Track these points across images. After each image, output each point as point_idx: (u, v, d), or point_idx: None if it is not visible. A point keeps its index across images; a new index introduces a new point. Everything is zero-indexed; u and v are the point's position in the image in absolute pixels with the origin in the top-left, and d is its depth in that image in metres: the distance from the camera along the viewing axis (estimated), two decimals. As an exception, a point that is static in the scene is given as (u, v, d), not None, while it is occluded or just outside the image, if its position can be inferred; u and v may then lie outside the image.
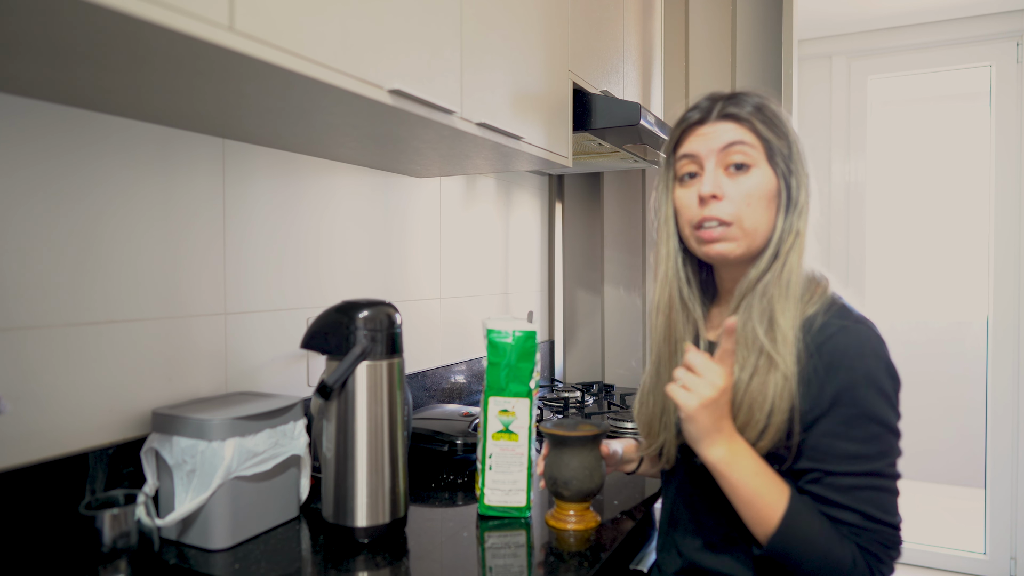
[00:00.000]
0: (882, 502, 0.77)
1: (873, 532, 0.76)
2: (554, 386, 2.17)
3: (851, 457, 0.77)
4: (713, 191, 0.84)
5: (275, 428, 1.00)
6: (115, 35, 0.62)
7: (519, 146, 1.26)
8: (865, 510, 0.76)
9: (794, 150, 0.85)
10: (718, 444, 0.79)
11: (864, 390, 0.76)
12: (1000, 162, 2.73)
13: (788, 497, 0.78)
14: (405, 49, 0.93)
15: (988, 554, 2.78)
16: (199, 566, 0.88)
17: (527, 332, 1.06)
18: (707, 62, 2.22)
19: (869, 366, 0.77)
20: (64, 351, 0.92)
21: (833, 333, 0.79)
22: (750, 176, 0.84)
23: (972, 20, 2.74)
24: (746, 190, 0.83)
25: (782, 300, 0.82)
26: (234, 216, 1.17)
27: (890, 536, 0.77)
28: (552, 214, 2.39)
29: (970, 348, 2.93)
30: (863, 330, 0.79)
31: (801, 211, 0.84)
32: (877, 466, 0.77)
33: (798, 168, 0.85)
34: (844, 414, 0.77)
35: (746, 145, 0.84)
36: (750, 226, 0.84)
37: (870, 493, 0.77)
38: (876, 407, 0.77)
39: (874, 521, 0.76)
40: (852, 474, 0.77)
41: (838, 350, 0.78)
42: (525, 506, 1.06)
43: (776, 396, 0.79)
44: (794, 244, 0.84)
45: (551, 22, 1.39)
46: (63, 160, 0.91)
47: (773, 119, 0.85)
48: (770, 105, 0.87)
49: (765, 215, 0.84)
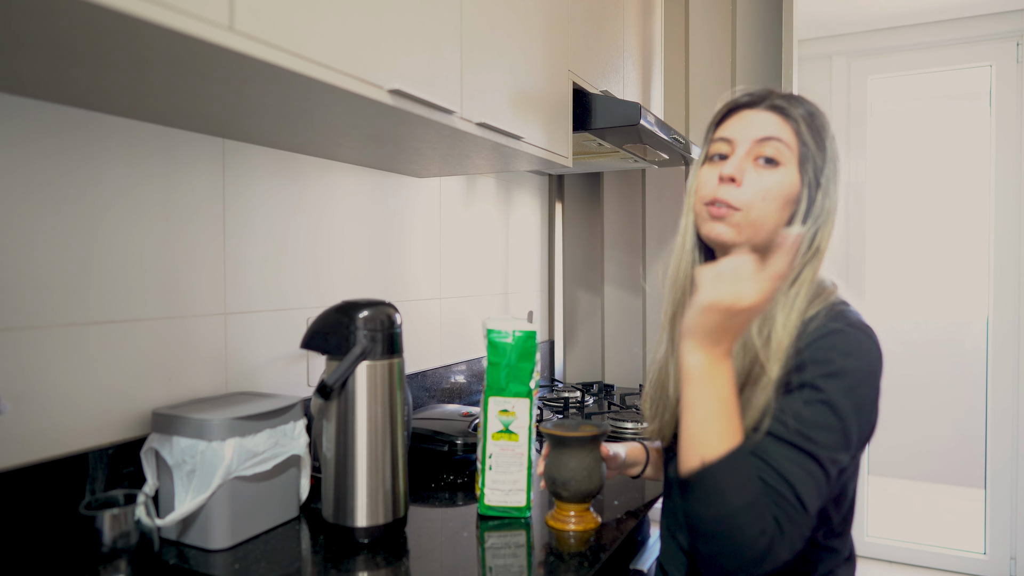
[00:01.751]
0: (810, 487, 0.72)
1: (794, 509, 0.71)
2: (554, 386, 2.17)
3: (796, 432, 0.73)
4: (733, 174, 0.82)
5: (275, 428, 1.00)
6: (115, 35, 0.62)
7: (519, 146, 1.26)
8: (799, 488, 0.71)
9: (829, 166, 0.84)
10: (704, 350, 0.73)
11: (839, 383, 0.74)
12: (1000, 162, 2.73)
13: (739, 441, 0.73)
14: (405, 49, 0.93)
15: (988, 554, 2.78)
16: (199, 566, 0.88)
17: (527, 332, 1.06)
18: (707, 62, 2.22)
19: (854, 367, 0.75)
20: (64, 351, 0.92)
21: (825, 334, 0.77)
22: (775, 173, 0.83)
23: (972, 20, 2.74)
24: (766, 185, 0.82)
25: (785, 311, 0.81)
26: (234, 216, 1.17)
27: (792, 504, 0.71)
28: (552, 214, 2.39)
29: (970, 348, 2.93)
30: (856, 334, 0.77)
31: (824, 226, 0.83)
32: (814, 449, 0.72)
33: (828, 183, 0.84)
34: (809, 396, 0.74)
35: (781, 143, 0.83)
36: (756, 218, 0.82)
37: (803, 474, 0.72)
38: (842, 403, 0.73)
39: (800, 501, 0.71)
40: (795, 447, 0.73)
41: (826, 347, 0.76)
42: (525, 506, 1.06)
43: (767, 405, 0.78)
44: (812, 260, 0.83)
45: (551, 22, 1.39)
46: (63, 160, 0.91)
47: (820, 129, 0.85)
48: (822, 116, 0.86)
49: (776, 214, 0.83)
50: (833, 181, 0.85)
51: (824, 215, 0.83)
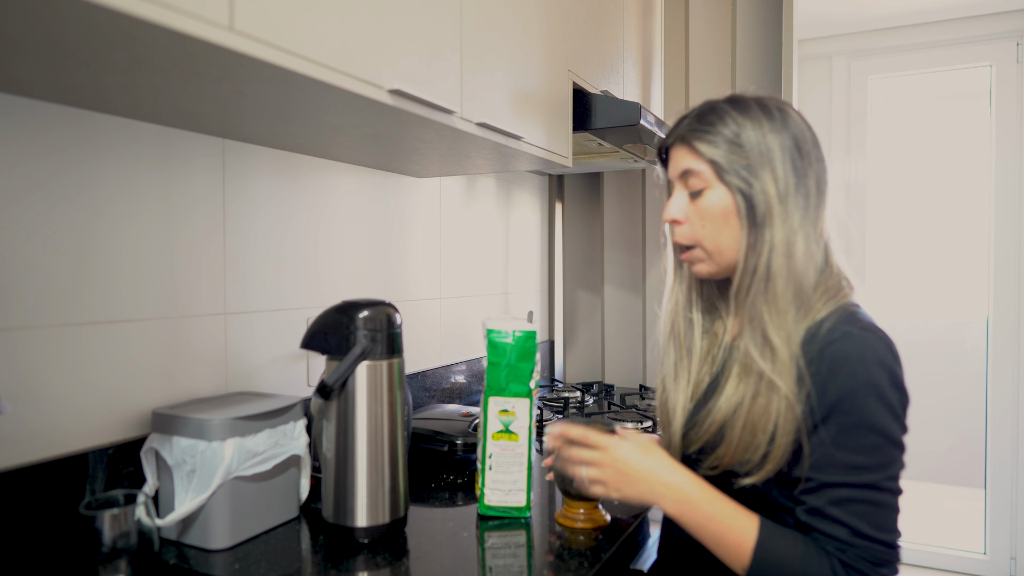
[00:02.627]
0: (875, 517, 0.74)
1: (860, 548, 0.74)
2: (554, 386, 2.17)
3: (848, 468, 0.74)
4: (673, 217, 0.88)
5: (275, 428, 1.00)
6: (115, 35, 0.62)
7: (519, 146, 1.26)
8: (855, 525, 0.74)
9: (756, 160, 0.81)
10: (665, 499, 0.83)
11: (864, 398, 0.73)
12: (1000, 162, 2.73)
13: (757, 527, 0.78)
14: (405, 49, 0.93)
15: (988, 554, 2.78)
16: (199, 566, 0.88)
17: (527, 332, 1.06)
18: (707, 62, 2.22)
19: (872, 374, 0.74)
20: (64, 351, 0.92)
21: (836, 339, 0.76)
22: (704, 198, 0.85)
23: (972, 20, 2.74)
24: (700, 212, 0.86)
25: (772, 315, 0.80)
26: (234, 216, 1.17)
27: (879, 553, 0.74)
28: (552, 214, 2.39)
29: (970, 348, 2.93)
30: (868, 337, 0.76)
31: (772, 222, 0.81)
32: (875, 478, 0.74)
33: (761, 178, 0.81)
34: (843, 422, 0.74)
35: (694, 172, 0.85)
36: (711, 246, 0.86)
37: (864, 507, 0.74)
38: (876, 416, 0.74)
39: (862, 537, 0.74)
40: (848, 485, 0.74)
41: (839, 356, 0.75)
42: (525, 506, 1.06)
43: (780, 420, 0.77)
44: (772, 256, 0.81)
45: (551, 22, 1.39)
46: (63, 160, 0.91)
47: (728, 133, 0.83)
48: (732, 114, 0.84)
49: (725, 232, 0.84)
50: (771, 170, 0.81)
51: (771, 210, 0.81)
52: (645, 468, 0.84)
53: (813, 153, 0.84)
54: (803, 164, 0.82)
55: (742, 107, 0.84)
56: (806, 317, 0.80)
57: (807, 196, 0.82)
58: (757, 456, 0.79)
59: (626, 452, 0.86)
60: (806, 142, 0.83)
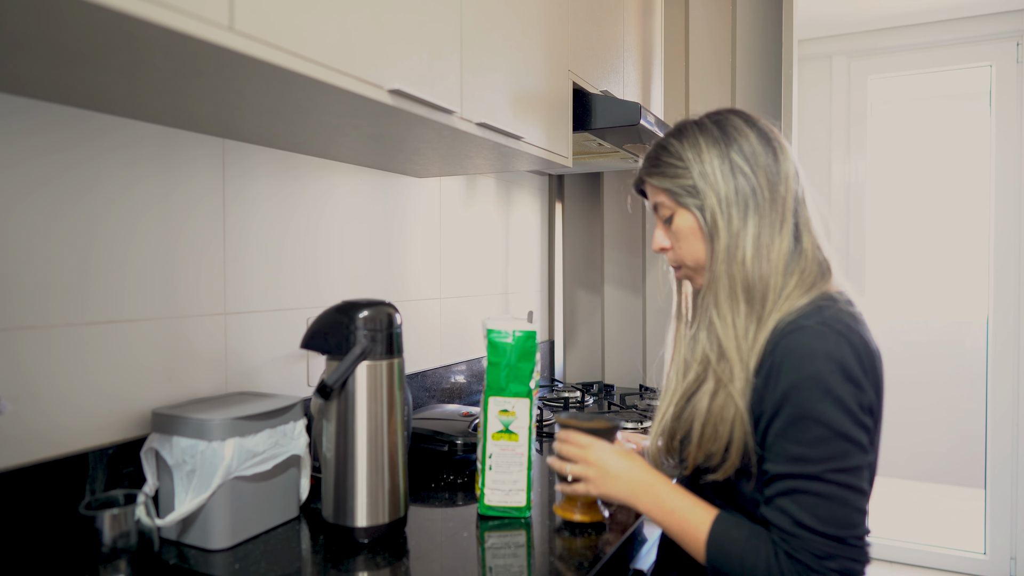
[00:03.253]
0: (821, 510, 0.74)
1: (802, 540, 0.75)
2: (554, 386, 2.17)
3: (792, 459, 0.76)
4: (659, 246, 0.97)
5: (275, 428, 1.00)
6: (115, 35, 0.62)
7: (519, 146, 1.26)
8: (797, 515, 0.75)
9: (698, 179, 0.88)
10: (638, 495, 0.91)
11: (808, 390, 0.75)
12: (1000, 162, 2.73)
13: (711, 520, 0.83)
14: (405, 49, 0.93)
15: (988, 554, 2.78)
16: (199, 566, 0.88)
17: (527, 332, 1.06)
18: (707, 62, 2.22)
19: (817, 367, 0.75)
20: (64, 351, 0.92)
21: (789, 332, 0.79)
22: (674, 223, 0.93)
23: (972, 20, 2.74)
24: (675, 236, 0.94)
25: (718, 318, 0.86)
26: (234, 216, 1.17)
27: (823, 546, 0.74)
28: (552, 214, 2.39)
29: (970, 348, 2.93)
30: (822, 331, 0.77)
31: (717, 233, 0.87)
32: (817, 470, 0.75)
33: (704, 194, 0.88)
34: (788, 414, 0.77)
35: (659, 204, 0.94)
36: (691, 262, 0.93)
37: (809, 499, 0.75)
38: (821, 410, 0.75)
39: (804, 528, 0.75)
40: (792, 476, 0.76)
41: (788, 349, 0.78)
42: (525, 506, 1.06)
43: (734, 418, 0.82)
44: (720, 266, 0.87)
45: (551, 22, 1.39)
46: (63, 160, 0.91)
47: (669, 160, 0.91)
48: (671, 142, 0.92)
49: (695, 248, 0.92)
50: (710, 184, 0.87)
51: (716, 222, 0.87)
52: (620, 467, 0.93)
53: (762, 153, 0.87)
54: (749, 167, 0.87)
55: (681, 134, 0.92)
56: (774, 312, 0.83)
57: (755, 197, 0.86)
58: (719, 453, 0.84)
59: (606, 452, 0.96)
60: (751, 145, 0.87)
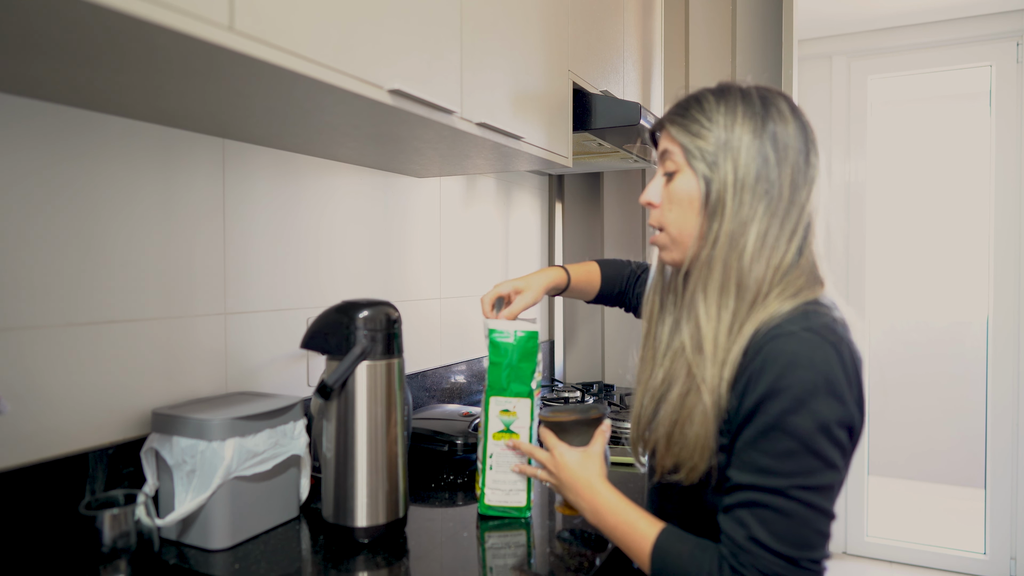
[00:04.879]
0: (778, 527, 0.69)
1: (752, 555, 0.69)
2: (554, 386, 2.17)
3: (758, 470, 0.71)
4: (648, 199, 0.87)
5: (275, 428, 1.00)
6: (115, 35, 0.62)
7: (519, 146, 1.26)
8: (752, 529, 0.70)
9: (720, 149, 0.79)
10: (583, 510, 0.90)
11: (785, 400, 0.69)
12: (1000, 162, 2.73)
13: (656, 532, 0.79)
14: (405, 49, 0.93)
15: (988, 554, 2.78)
16: (199, 566, 0.88)
17: (529, 332, 1.06)
18: (707, 62, 2.22)
19: (799, 377, 0.69)
20: (64, 351, 0.92)
21: (774, 337, 0.72)
22: (674, 182, 0.83)
23: (972, 20, 2.74)
24: (669, 196, 0.84)
25: (706, 307, 0.78)
26: (234, 216, 1.17)
27: (773, 565, 0.69)
28: (552, 214, 2.39)
29: (970, 348, 2.93)
30: (810, 339, 0.70)
31: (722, 213, 0.78)
32: (782, 484, 0.69)
33: (721, 167, 0.79)
34: (760, 423, 0.71)
35: (668, 153, 0.84)
36: (675, 231, 0.84)
37: (767, 513, 0.70)
38: (795, 423, 0.69)
39: (757, 543, 0.69)
40: (755, 488, 0.71)
41: (771, 355, 0.71)
42: (525, 506, 1.06)
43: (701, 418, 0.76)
44: (715, 246, 0.78)
45: (551, 22, 1.39)
46: (63, 160, 0.91)
47: (700, 117, 0.81)
48: (709, 100, 0.82)
49: (687, 219, 0.82)
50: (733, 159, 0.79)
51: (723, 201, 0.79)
52: (573, 478, 0.92)
53: (795, 149, 0.79)
54: (777, 158, 0.78)
55: (723, 95, 0.82)
56: (755, 314, 0.76)
57: (773, 191, 0.78)
58: (687, 457, 0.78)
59: (564, 460, 0.94)
60: (788, 136, 0.79)
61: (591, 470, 0.91)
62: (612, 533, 0.84)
